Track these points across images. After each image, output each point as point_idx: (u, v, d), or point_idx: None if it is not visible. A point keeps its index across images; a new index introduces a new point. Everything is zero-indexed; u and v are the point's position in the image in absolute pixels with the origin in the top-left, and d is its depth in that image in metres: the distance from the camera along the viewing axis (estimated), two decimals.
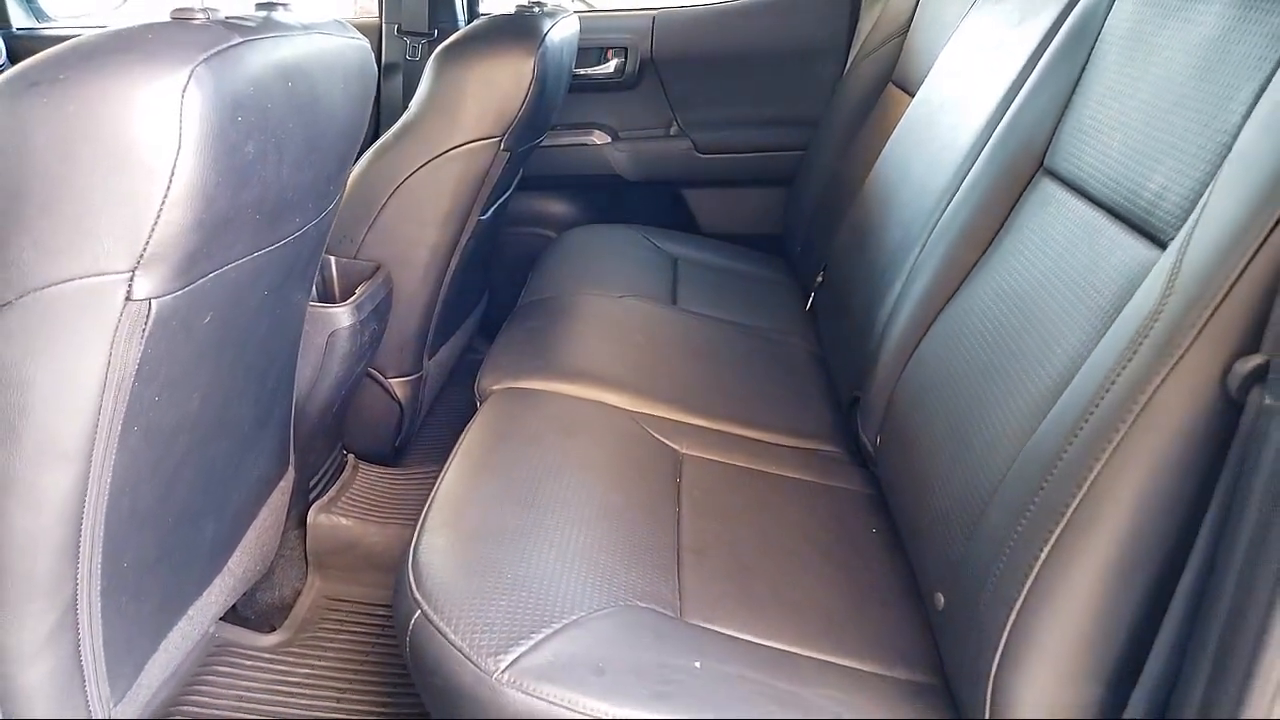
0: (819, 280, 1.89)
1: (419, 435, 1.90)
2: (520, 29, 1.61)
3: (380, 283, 1.53)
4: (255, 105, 0.81)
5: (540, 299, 1.83)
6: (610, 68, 2.43)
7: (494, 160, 1.60)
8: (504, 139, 1.58)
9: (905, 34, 2.08)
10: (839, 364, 1.62)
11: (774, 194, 2.48)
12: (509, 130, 1.58)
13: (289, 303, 1.14)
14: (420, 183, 1.56)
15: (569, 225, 2.46)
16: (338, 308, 1.39)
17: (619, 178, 2.48)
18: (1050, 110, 1.18)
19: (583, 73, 2.38)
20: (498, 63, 1.56)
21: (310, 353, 1.36)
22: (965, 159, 1.35)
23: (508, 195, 1.95)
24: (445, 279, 1.68)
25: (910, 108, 1.75)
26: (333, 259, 1.56)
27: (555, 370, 1.48)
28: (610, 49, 2.41)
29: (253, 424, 1.14)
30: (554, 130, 2.32)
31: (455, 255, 1.67)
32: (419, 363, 1.73)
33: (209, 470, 1.04)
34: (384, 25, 2.40)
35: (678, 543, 1.11)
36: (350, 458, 1.70)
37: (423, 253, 1.61)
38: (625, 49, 2.40)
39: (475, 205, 1.64)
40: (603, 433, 1.31)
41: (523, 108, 1.57)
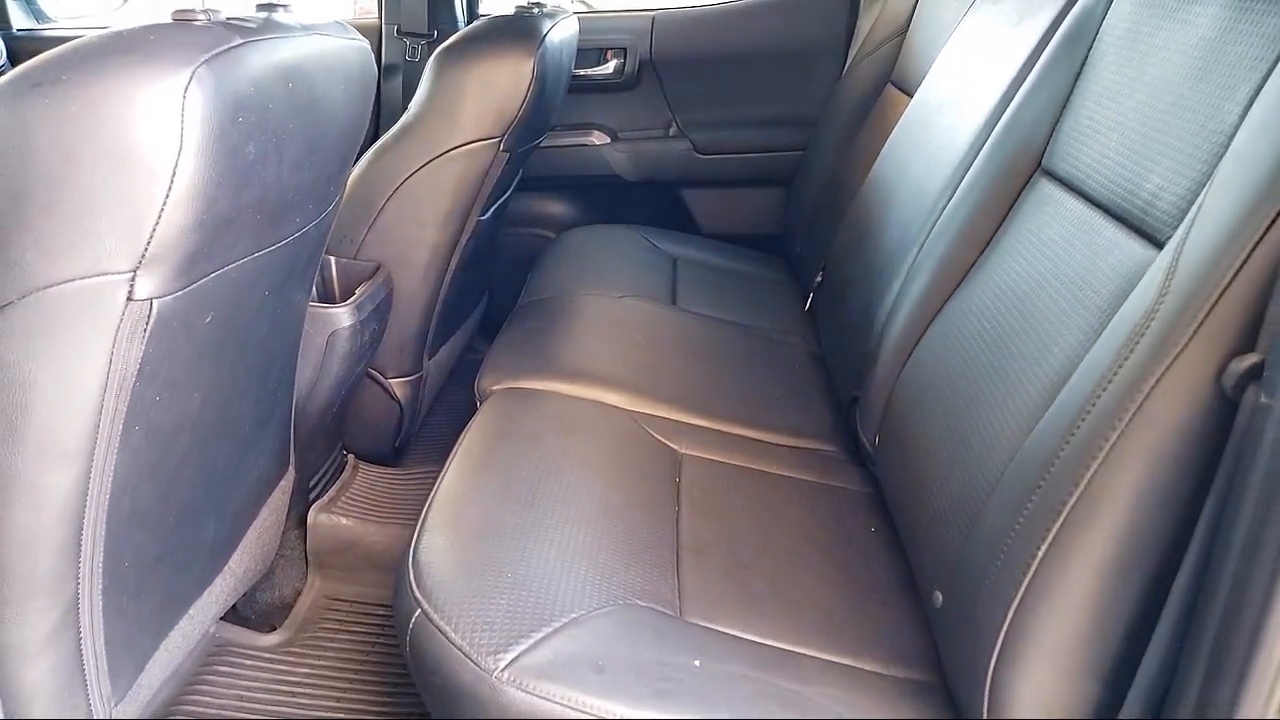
0: (818, 280, 1.89)
1: (419, 435, 1.90)
2: (520, 30, 1.61)
3: (380, 283, 1.53)
4: (256, 106, 0.81)
5: (540, 299, 1.83)
6: (610, 68, 2.43)
7: (494, 161, 1.60)
8: (503, 139, 1.59)
9: (904, 34, 2.09)
10: (838, 364, 1.62)
11: (773, 194, 2.48)
12: (508, 131, 1.58)
13: (289, 303, 1.14)
14: (420, 183, 1.57)
15: (569, 226, 2.46)
16: (338, 308, 1.39)
17: (618, 178, 2.49)
18: (1048, 110, 1.18)
19: (582, 73, 2.38)
20: (497, 63, 1.56)
21: (310, 353, 1.36)
22: (963, 159, 1.36)
23: (507, 196, 1.95)
24: (445, 279, 1.68)
25: (909, 108, 1.75)
26: (333, 259, 1.57)
27: (555, 370, 1.49)
28: (609, 49, 2.41)
29: (253, 424, 1.14)
30: (553, 131, 2.33)
31: (455, 255, 1.68)
32: (419, 363, 1.74)
33: (210, 470, 1.04)
34: (384, 26, 2.40)
35: (677, 542, 1.11)
36: (350, 458, 1.70)
37: (423, 253, 1.61)
38: (624, 49, 2.40)
39: (475, 206, 1.65)
40: (602, 432, 1.32)
41: (522, 108, 1.57)
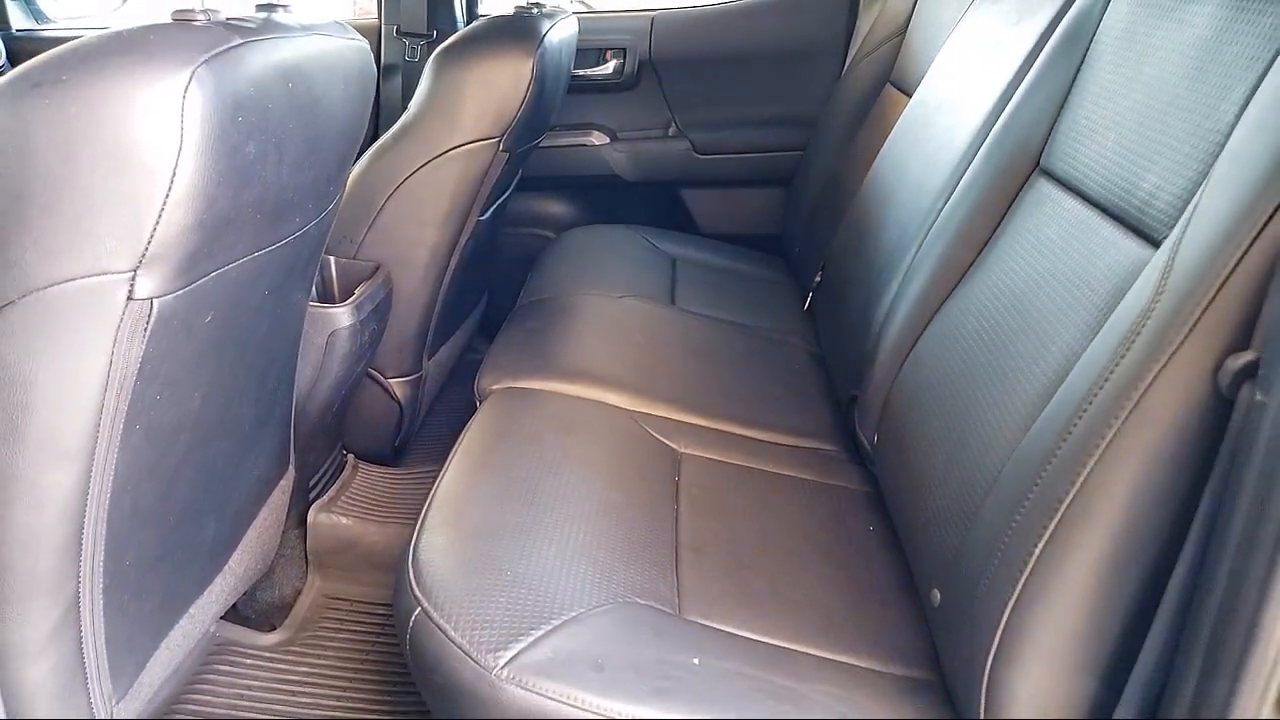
0: (817, 280, 1.90)
1: (419, 435, 1.90)
2: (519, 30, 1.61)
3: (380, 283, 1.53)
4: (256, 106, 0.81)
5: (539, 299, 1.83)
6: (609, 68, 2.43)
7: (493, 161, 1.61)
8: (503, 139, 1.59)
9: (903, 34, 2.09)
10: (837, 363, 1.62)
11: (772, 194, 2.48)
12: (508, 131, 1.58)
13: (289, 303, 1.14)
14: (419, 183, 1.57)
15: (568, 226, 2.46)
16: (338, 308, 1.39)
17: (618, 178, 2.49)
18: (1046, 110, 1.19)
19: (581, 73, 2.39)
20: (496, 64, 1.56)
21: (310, 353, 1.36)
22: (962, 159, 1.36)
23: (507, 196, 1.95)
24: (445, 279, 1.69)
25: (908, 108, 1.75)
26: (333, 259, 1.57)
27: (554, 370, 1.49)
28: (609, 50, 2.42)
29: (253, 423, 1.14)
30: (553, 131, 2.33)
31: (455, 255, 1.68)
32: (419, 363, 1.74)
33: (210, 469, 1.05)
34: (383, 26, 2.40)
35: (676, 540, 1.12)
36: (350, 457, 1.70)
37: (422, 253, 1.62)
38: (624, 50, 2.40)
39: (474, 206, 1.65)
40: (602, 432, 1.32)
41: (521, 108, 1.57)
